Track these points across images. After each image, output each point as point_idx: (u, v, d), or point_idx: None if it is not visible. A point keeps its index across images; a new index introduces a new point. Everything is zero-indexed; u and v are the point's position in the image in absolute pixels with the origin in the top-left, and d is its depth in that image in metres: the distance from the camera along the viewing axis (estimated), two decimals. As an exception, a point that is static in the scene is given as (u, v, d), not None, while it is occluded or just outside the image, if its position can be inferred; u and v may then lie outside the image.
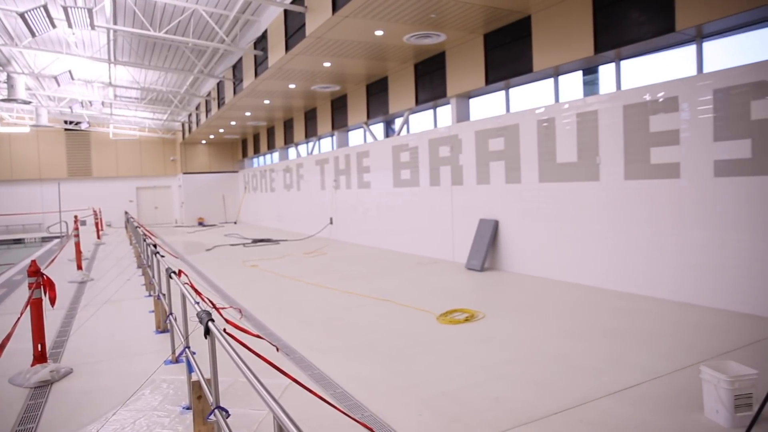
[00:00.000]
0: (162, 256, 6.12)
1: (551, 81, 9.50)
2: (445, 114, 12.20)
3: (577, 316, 6.53)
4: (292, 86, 14.57)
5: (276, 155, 23.84)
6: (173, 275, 4.56)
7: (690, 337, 5.47)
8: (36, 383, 4.74)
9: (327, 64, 12.23)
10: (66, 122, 27.00)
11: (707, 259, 6.62)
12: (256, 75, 13.68)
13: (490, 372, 4.71)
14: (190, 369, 3.74)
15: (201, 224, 27.50)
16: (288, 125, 21.23)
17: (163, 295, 5.84)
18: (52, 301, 5.07)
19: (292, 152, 22.14)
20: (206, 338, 2.85)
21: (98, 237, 20.21)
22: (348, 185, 16.17)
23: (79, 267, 11.16)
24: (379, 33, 9.90)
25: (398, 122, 14.01)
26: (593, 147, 8.08)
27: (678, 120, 6.86)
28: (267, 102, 17.01)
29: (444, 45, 10.95)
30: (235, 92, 16.05)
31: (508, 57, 9.73)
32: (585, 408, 3.90)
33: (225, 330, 2.77)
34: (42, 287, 5.00)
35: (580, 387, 4.28)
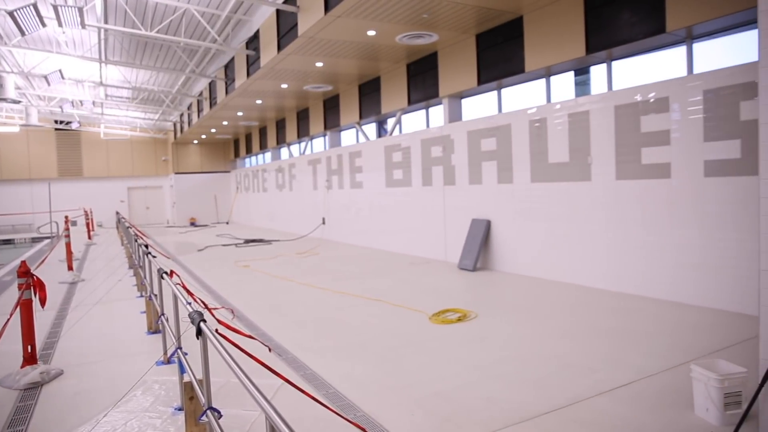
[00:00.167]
0: (154, 257, 6.10)
1: (543, 81, 9.54)
2: (438, 114, 12.21)
3: (570, 316, 6.56)
4: (285, 86, 14.54)
5: (268, 155, 23.78)
6: (165, 276, 4.54)
7: (681, 336, 5.51)
8: (26, 385, 4.69)
9: (319, 64, 12.21)
10: (56, 122, 26.81)
11: (697, 259, 6.67)
12: (248, 75, 13.64)
13: (483, 372, 4.73)
14: (182, 370, 3.72)
15: (193, 224, 27.38)
16: (280, 125, 21.18)
17: (155, 296, 5.81)
18: (43, 302, 5.03)
19: (285, 152, 22.09)
20: (198, 339, 2.84)
21: (89, 237, 20.08)
22: (340, 185, 16.16)
23: (70, 268, 11.08)
24: (372, 33, 9.90)
25: (390, 122, 14.02)
26: (585, 147, 8.12)
27: (669, 120, 6.91)
28: (259, 102, 16.97)
29: (436, 45, 10.97)
30: (227, 92, 15.99)
31: (501, 57, 9.76)
32: (577, 407, 3.92)
33: (217, 330, 2.76)
34: (32, 288, 4.96)
35: (573, 386, 4.30)
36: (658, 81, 7.10)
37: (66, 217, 14.59)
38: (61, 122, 26.68)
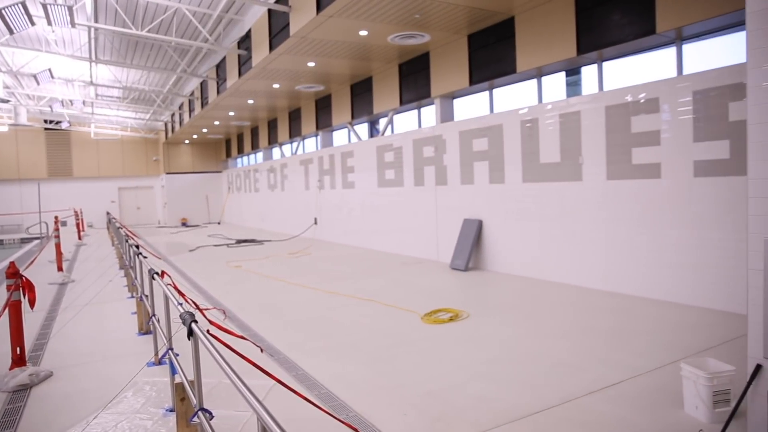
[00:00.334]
0: (144, 257, 6.06)
1: (534, 82, 9.58)
2: (430, 114, 12.23)
3: (561, 315, 6.59)
4: (276, 86, 14.51)
5: (260, 155, 23.71)
6: (156, 276, 4.51)
7: (670, 335, 5.55)
8: (14, 387, 4.65)
9: (311, 64, 12.20)
10: (46, 121, 26.58)
11: (687, 258, 6.73)
12: (240, 74, 13.60)
13: (475, 371, 4.74)
14: (173, 371, 3.70)
15: (184, 225, 27.25)
16: (272, 125, 21.12)
17: (146, 297, 5.78)
18: (32, 303, 4.99)
19: (276, 152, 22.04)
20: (189, 340, 2.83)
21: (79, 238, 19.93)
22: (332, 185, 16.14)
23: (60, 268, 11.00)
24: (364, 33, 9.90)
25: (383, 122, 14.02)
26: (576, 147, 8.16)
27: (659, 121, 6.97)
28: (251, 102, 16.92)
29: (428, 45, 10.99)
30: (219, 92, 15.93)
31: (492, 58, 9.79)
32: (568, 406, 3.94)
33: (208, 331, 2.75)
34: (21, 289, 4.92)
35: (564, 385, 4.32)
36: (649, 82, 7.15)
37: (56, 218, 14.48)
38: (51, 122, 26.45)
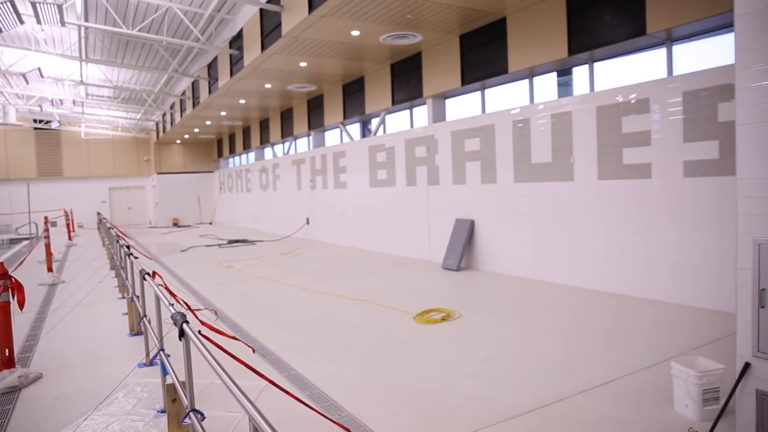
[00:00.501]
0: (136, 258, 6.03)
1: (526, 82, 9.61)
2: (422, 114, 12.25)
3: (553, 315, 6.62)
4: (268, 86, 14.47)
5: (252, 155, 23.64)
6: (147, 277, 4.49)
7: (661, 334, 5.60)
8: (3, 389, 4.61)
9: (303, 64, 12.17)
10: (35, 121, 26.35)
11: (677, 258, 6.78)
12: (232, 74, 13.55)
13: (467, 371, 4.75)
14: (165, 372, 3.69)
15: (176, 225, 27.12)
16: (264, 125, 21.06)
17: (137, 297, 5.75)
18: (21, 305, 4.95)
19: (268, 152, 21.98)
20: (181, 340, 2.82)
21: (70, 238, 19.79)
22: (324, 185, 16.12)
23: (50, 269, 10.91)
24: (356, 33, 9.89)
25: (375, 122, 14.02)
26: (567, 147, 8.20)
27: (649, 121, 7.02)
28: (243, 101, 16.86)
29: (420, 45, 11.00)
30: (211, 92, 15.87)
31: (484, 58, 9.81)
32: (560, 405, 3.96)
33: (200, 332, 2.74)
34: (10, 290, 4.87)
35: (555, 384, 4.34)
36: (639, 82, 7.20)
37: (45, 218, 14.35)
38: (41, 121, 26.23)
